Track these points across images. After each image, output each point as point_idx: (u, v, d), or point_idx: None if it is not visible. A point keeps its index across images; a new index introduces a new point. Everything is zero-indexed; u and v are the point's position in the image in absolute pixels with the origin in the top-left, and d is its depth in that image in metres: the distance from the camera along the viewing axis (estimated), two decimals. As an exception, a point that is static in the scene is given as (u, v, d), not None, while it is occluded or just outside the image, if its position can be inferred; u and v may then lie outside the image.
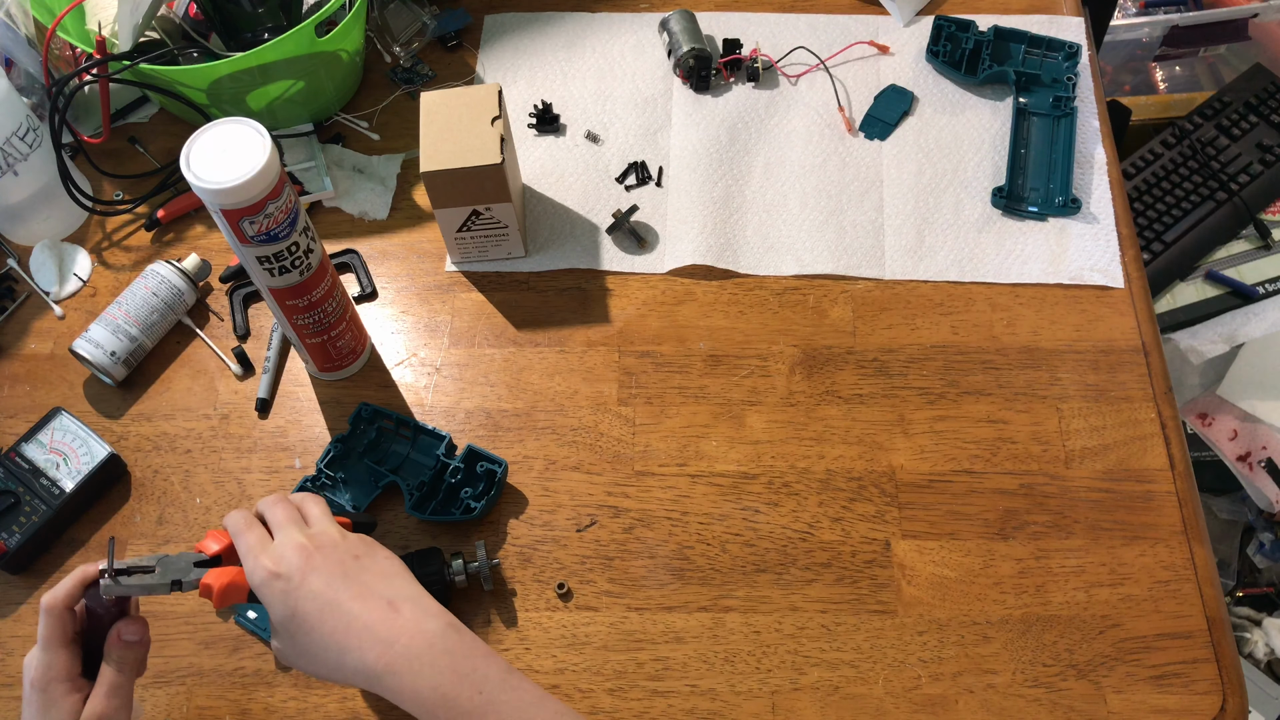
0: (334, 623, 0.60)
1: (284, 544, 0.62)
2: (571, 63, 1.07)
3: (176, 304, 0.92)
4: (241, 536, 0.63)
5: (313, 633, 0.60)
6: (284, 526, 0.63)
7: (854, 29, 1.07)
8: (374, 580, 0.62)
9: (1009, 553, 0.81)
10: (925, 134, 1.01)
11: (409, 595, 0.61)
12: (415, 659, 0.58)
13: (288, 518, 0.64)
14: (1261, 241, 1.42)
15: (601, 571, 0.81)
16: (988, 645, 0.77)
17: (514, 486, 0.85)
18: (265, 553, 0.62)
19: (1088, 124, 1.00)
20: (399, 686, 0.58)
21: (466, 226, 0.91)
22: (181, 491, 0.86)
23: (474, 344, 0.92)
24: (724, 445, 0.86)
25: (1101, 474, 0.84)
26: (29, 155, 0.93)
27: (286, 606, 0.60)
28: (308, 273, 0.78)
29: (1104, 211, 0.96)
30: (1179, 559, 0.80)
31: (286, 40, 0.91)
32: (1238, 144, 1.45)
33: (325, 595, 0.60)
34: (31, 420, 0.87)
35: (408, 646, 0.59)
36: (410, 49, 1.08)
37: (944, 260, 0.94)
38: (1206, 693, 0.75)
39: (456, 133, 0.86)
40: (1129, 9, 1.65)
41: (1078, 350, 0.89)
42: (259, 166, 0.68)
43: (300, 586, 0.60)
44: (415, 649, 0.59)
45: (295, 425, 0.89)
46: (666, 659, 0.78)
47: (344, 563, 0.62)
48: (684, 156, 1.00)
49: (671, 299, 0.93)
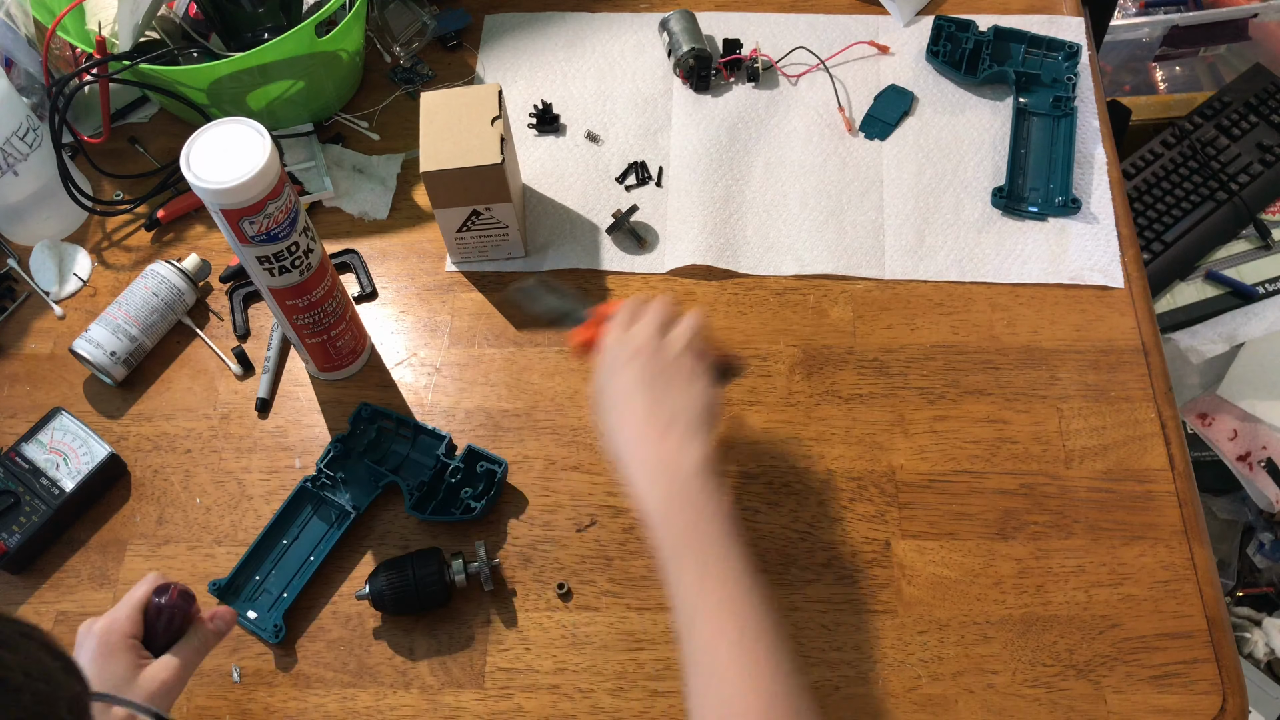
0: (623, 409, 0.69)
1: (638, 332, 0.71)
2: (571, 63, 1.07)
3: (176, 304, 0.92)
4: (623, 309, 0.74)
5: (609, 404, 0.70)
6: (650, 321, 0.72)
7: (854, 29, 1.07)
8: (672, 400, 0.69)
9: (1009, 553, 0.81)
10: (925, 134, 1.01)
11: (687, 427, 0.68)
12: (654, 477, 0.66)
13: (658, 317, 0.72)
14: (1261, 241, 1.42)
15: (601, 571, 0.81)
16: (988, 645, 0.77)
17: (514, 486, 0.85)
18: (624, 330, 0.72)
19: (1088, 124, 1.00)
20: (633, 480, 0.67)
21: (466, 226, 0.91)
22: (181, 491, 0.86)
23: (474, 344, 0.92)
24: (724, 445, 0.86)
25: (1101, 474, 0.84)
26: (29, 155, 0.93)
27: (605, 373, 0.71)
28: (308, 273, 0.78)
29: (1104, 211, 0.96)
30: (1179, 559, 0.80)
31: (286, 40, 0.91)
32: (1238, 144, 1.45)
33: (629, 387, 0.69)
34: (31, 420, 0.87)
35: (657, 463, 0.67)
36: (410, 49, 1.08)
37: (944, 260, 0.94)
38: (1206, 693, 0.75)
39: (456, 133, 0.86)
40: (1129, 9, 1.65)
41: (1078, 350, 0.89)
42: (259, 166, 0.68)
43: (622, 367, 0.70)
44: (660, 468, 0.67)
45: (295, 425, 0.89)
46: (667, 659, 0.78)
47: (664, 374, 0.69)
48: (684, 156, 1.00)
49: (671, 299, 0.93)
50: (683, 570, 0.64)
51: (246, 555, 0.82)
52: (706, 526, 0.65)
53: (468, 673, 0.78)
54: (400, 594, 0.77)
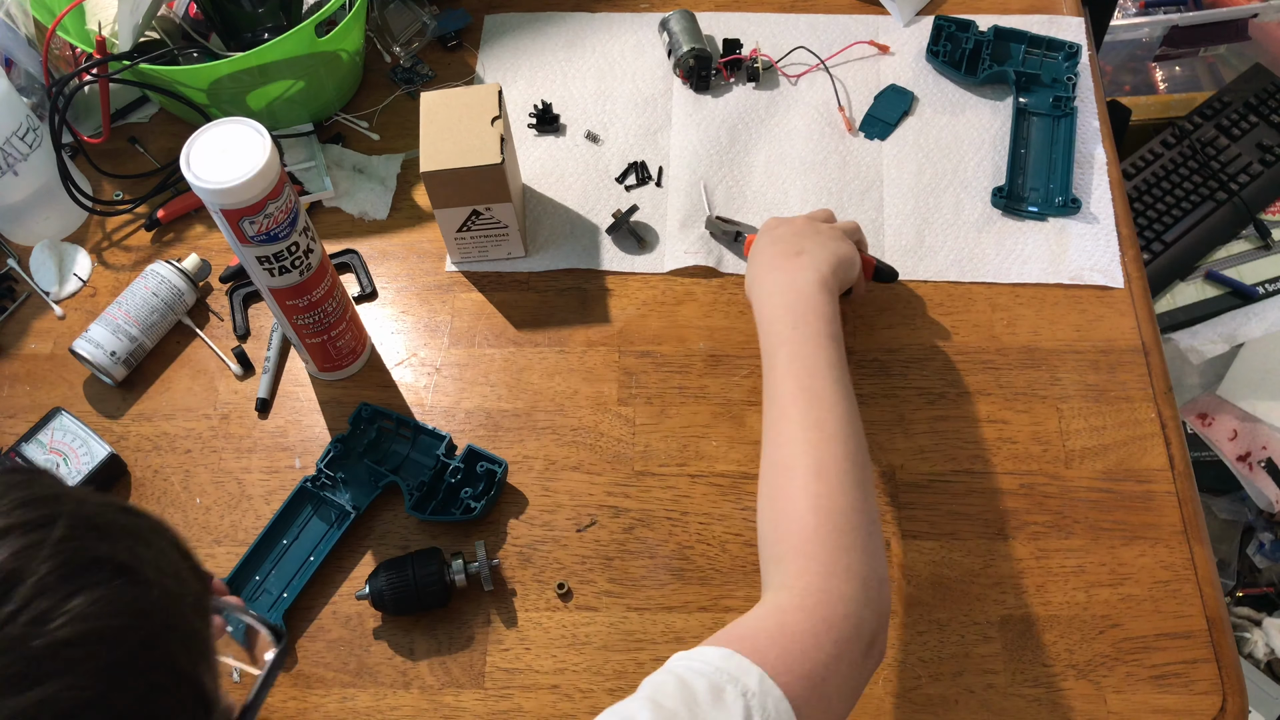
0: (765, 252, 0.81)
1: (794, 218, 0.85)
2: (571, 63, 1.07)
3: (176, 304, 0.92)
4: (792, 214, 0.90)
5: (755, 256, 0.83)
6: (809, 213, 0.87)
7: (854, 29, 1.07)
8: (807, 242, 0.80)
9: (1009, 553, 0.81)
10: (925, 134, 1.01)
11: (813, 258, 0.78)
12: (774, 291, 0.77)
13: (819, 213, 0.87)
14: (1261, 241, 1.42)
15: (601, 571, 0.81)
16: (988, 645, 0.77)
17: (514, 486, 0.85)
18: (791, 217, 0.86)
19: (1088, 124, 1.00)
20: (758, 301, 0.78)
21: (466, 226, 0.91)
22: (181, 491, 0.86)
23: (474, 344, 0.92)
24: (724, 445, 0.86)
25: (1101, 474, 0.84)
26: (29, 155, 0.93)
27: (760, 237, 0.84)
28: (308, 273, 0.78)
29: (1104, 211, 0.96)
30: (1179, 559, 0.80)
31: (286, 40, 0.91)
32: (1238, 144, 1.45)
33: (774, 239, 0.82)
34: (31, 420, 0.87)
35: (779, 280, 0.77)
36: (410, 49, 1.08)
37: (944, 260, 0.94)
38: (1206, 693, 0.75)
39: (456, 133, 0.86)
40: (1129, 9, 1.65)
41: (1078, 350, 0.89)
42: (259, 166, 0.68)
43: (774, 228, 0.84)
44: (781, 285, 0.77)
45: (295, 425, 0.89)
46: (667, 659, 0.78)
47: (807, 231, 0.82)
48: (684, 156, 1.00)
49: (671, 299, 0.93)
50: (775, 363, 0.73)
51: (246, 555, 0.82)
52: (807, 329, 0.73)
53: (468, 673, 0.78)
54: (400, 594, 0.77)
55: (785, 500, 0.66)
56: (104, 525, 0.42)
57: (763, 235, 0.84)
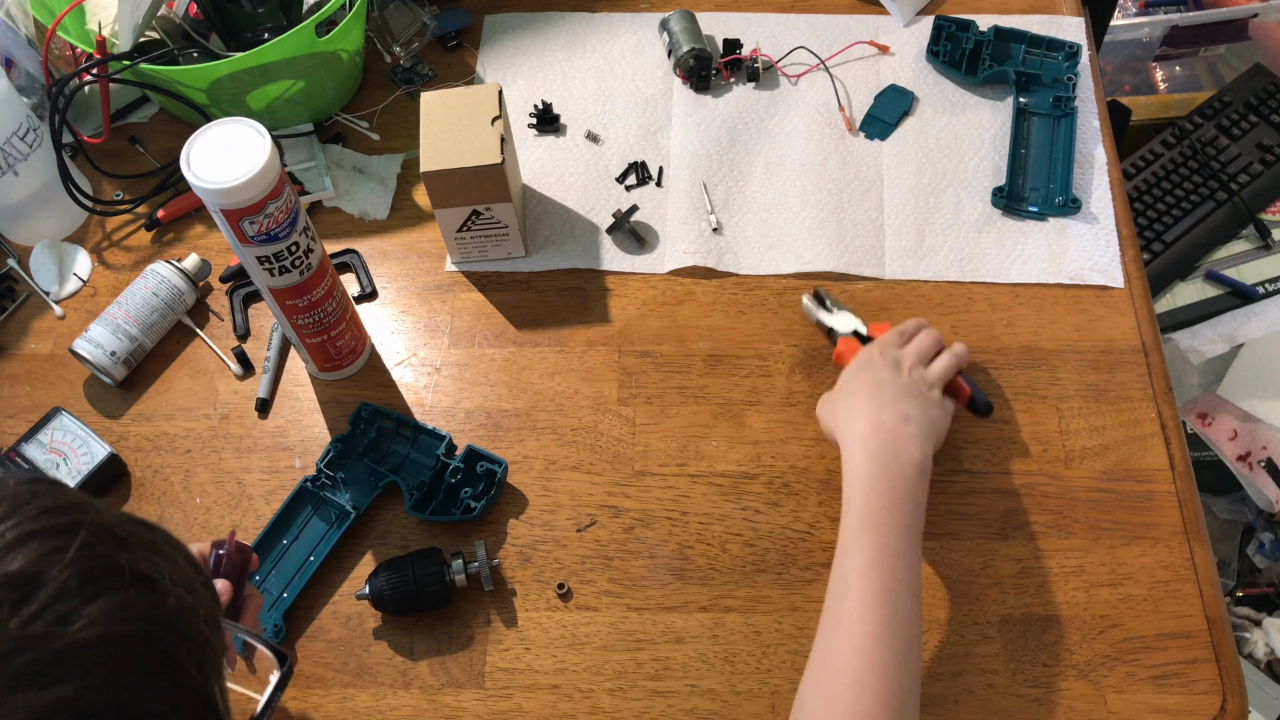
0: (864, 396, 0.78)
1: (904, 352, 0.81)
2: (571, 63, 1.07)
3: (176, 304, 0.92)
4: (892, 331, 0.84)
5: (852, 389, 0.80)
6: (915, 348, 0.82)
7: (854, 29, 1.07)
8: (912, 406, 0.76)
9: (1009, 553, 0.81)
10: (925, 134, 1.01)
11: (919, 429, 0.75)
12: (875, 455, 0.73)
13: (921, 348, 0.82)
14: (1261, 241, 1.42)
15: (601, 571, 0.81)
16: (988, 645, 0.77)
17: (514, 486, 0.85)
18: (888, 344, 0.82)
19: (1088, 124, 1.00)
20: (851, 454, 0.74)
21: (466, 226, 0.91)
22: (181, 491, 0.86)
23: (474, 344, 0.92)
24: (724, 445, 0.86)
25: (1101, 474, 0.84)
26: (29, 155, 0.93)
27: (859, 366, 0.81)
28: (308, 273, 0.78)
29: (1104, 211, 0.96)
30: (1179, 559, 0.80)
31: (286, 40, 0.91)
32: (1238, 144, 1.45)
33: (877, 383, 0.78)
34: (31, 420, 0.87)
35: (884, 444, 0.73)
36: (410, 49, 1.08)
37: (944, 260, 0.94)
38: (1206, 693, 0.75)
39: (456, 133, 0.86)
40: (1129, 9, 1.65)
41: (1078, 350, 0.89)
42: (259, 166, 0.68)
43: (878, 369, 0.80)
44: (885, 450, 0.73)
45: (295, 425, 0.89)
46: (667, 659, 0.78)
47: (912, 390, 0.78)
48: (684, 156, 1.00)
49: (671, 299, 0.93)
50: (862, 544, 0.69)
51: (246, 555, 0.82)
52: (902, 518, 0.70)
53: (468, 673, 0.78)
54: (400, 594, 0.77)
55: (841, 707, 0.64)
56: (123, 535, 0.43)
57: (864, 369, 0.80)
